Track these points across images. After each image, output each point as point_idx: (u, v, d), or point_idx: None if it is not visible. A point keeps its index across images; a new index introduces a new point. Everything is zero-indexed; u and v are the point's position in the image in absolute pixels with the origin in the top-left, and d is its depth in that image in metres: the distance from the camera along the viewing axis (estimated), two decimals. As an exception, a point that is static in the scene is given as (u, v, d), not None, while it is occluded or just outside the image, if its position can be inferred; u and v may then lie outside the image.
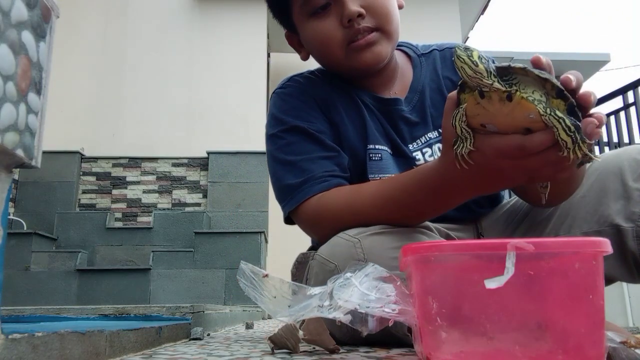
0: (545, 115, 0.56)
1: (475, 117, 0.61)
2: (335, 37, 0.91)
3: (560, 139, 0.57)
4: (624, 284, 2.76)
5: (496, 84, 0.57)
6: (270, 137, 0.99)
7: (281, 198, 0.95)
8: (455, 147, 0.65)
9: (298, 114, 0.97)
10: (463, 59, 0.58)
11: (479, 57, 0.58)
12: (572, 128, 0.56)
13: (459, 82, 0.63)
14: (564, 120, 0.56)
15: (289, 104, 0.99)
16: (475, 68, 0.57)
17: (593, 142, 0.58)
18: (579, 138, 0.56)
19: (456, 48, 0.59)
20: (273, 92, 1.04)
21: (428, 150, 0.97)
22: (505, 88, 0.57)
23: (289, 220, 0.96)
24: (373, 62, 0.94)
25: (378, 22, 0.91)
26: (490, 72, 0.58)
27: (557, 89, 0.57)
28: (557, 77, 0.59)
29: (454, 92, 0.65)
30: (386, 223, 0.79)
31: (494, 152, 0.61)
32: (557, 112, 0.56)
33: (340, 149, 0.95)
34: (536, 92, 0.57)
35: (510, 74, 0.58)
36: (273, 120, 0.99)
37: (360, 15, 0.89)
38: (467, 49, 0.59)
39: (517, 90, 0.57)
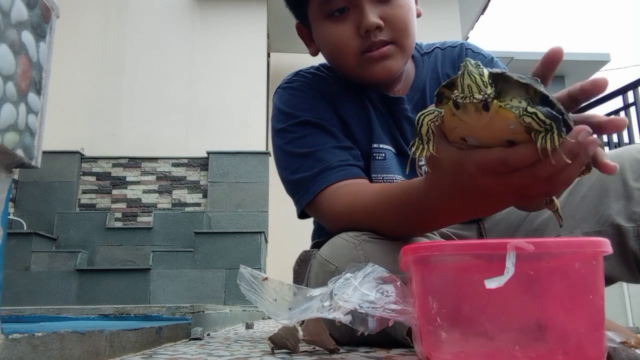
0: (520, 117, 0.49)
1: (454, 130, 0.55)
2: (350, 45, 0.90)
3: (535, 138, 0.50)
4: (624, 284, 2.76)
5: (476, 95, 0.50)
6: (279, 132, 0.96)
7: (295, 191, 0.92)
8: (414, 149, 0.56)
9: (308, 107, 0.95)
10: (474, 77, 0.50)
11: (488, 76, 0.50)
12: (548, 121, 0.48)
13: (436, 93, 0.56)
14: (536, 115, 0.49)
15: (298, 98, 0.97)
16: (484, 90, 0.50)
17: (590, 154, 0.51)
18: (555, 128, 0.48)
19: (467, 62, 0.51)
20: (278, 87, 1.02)
21: None
22: (482, 97, 0.50)
23: (303, 214, 0.94)
24: (384, 76, 0.92)
25: (395, 35, 0.89)
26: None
27: (540, 95, 0.51)
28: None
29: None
30: (380, 234, 0.78)
31: (476, 168, 0.55)
32: (529, 108, 0.49)
33: None
34: (515, 99, 0.51)
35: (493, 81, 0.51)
36: (281, 114, 0.97)
37: (378, 28, 0.87)
38: (478, 65, 0.50)
39: (494, 98, 0.50)
